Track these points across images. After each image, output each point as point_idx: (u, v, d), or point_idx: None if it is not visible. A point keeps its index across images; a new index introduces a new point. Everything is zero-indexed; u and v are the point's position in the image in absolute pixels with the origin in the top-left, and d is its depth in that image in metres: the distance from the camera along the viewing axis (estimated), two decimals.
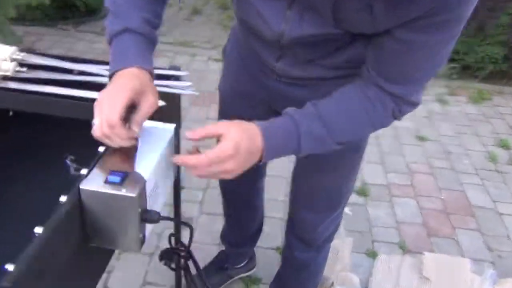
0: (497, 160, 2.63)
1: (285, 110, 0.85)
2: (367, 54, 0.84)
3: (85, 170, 0.71)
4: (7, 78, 0.93)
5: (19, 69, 0.95)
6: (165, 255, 0.84)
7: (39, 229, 0.60)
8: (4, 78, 0.93)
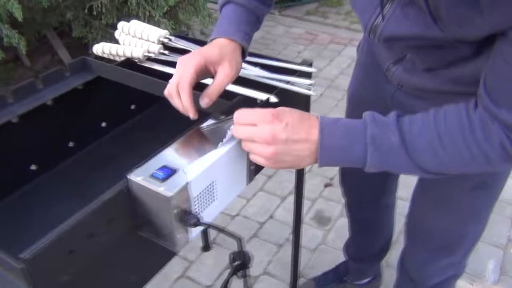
0: None
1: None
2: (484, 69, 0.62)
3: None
4: (151, 59, 1.03)
5: (163, 51, 1.03)
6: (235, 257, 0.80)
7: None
8: (148, 59, 1.03)
